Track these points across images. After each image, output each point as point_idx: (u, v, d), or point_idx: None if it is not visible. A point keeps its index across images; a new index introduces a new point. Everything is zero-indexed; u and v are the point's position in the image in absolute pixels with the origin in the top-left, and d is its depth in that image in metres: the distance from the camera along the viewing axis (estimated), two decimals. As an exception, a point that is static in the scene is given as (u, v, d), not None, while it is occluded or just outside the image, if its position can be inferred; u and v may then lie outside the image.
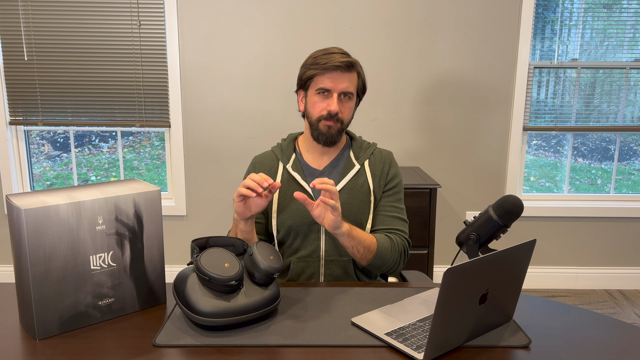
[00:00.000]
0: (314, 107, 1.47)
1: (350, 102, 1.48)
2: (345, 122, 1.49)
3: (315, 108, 1.46)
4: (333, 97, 1.44)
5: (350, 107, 1.49)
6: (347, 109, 1.47)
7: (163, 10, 2.78)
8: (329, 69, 1.42)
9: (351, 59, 1.44)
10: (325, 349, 1.04)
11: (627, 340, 1.10)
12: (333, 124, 1.45)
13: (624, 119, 2.98)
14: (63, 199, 1.07)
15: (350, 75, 1.45)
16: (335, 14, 2.82)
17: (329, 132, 1.46)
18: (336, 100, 1.43)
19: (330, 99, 1.44)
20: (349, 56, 1.46)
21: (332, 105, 1.43)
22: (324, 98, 1.45)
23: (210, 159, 2.96)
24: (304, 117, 1.54)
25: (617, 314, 2.80)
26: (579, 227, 3.06)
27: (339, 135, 1.49)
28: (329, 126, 1.45)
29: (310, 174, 1.53)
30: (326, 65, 1.42)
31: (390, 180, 1.54)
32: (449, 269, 0.91)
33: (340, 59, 1.42)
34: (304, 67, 1.49)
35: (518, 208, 1.16)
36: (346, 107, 1.47)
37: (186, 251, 3.06)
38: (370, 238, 1.42)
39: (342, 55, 1.45)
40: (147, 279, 1.21)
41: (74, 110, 2.89)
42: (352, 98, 1.48)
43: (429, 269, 2.53)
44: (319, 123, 1.46)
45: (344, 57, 1.44)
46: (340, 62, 1.41)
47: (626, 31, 2.89)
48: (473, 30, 2.84)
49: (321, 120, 1.45)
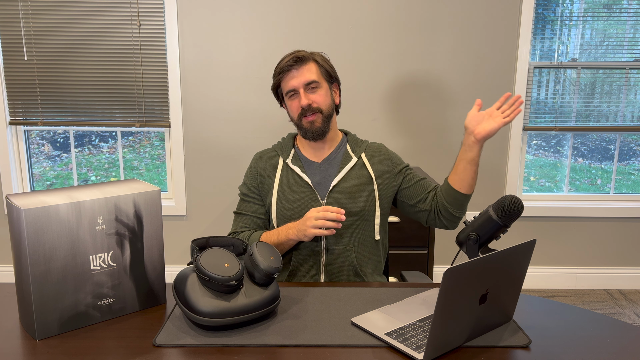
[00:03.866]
0: (291, 110, 1.56)
1: (320, 89, 1.53)
2: (325, 110, 1.53)
3: (293, 110, 1.55)
4: (300, 93, 1.51)
5: (323, 94, 1.54)
6: (320, 96, 1.53)
7: (163, 10, 2.78)
8: (285, 71, 1.51)
9: (299, 53, 1.52)
10: (325, 349, 1.04)
11: (627, 340, 1.10)
12: (313, 117, 1.51)
13: (624, 119, 2.98)
14: (63, 199, 1.07)
15: (306, 67, 1.52)
16: (335, 14, 2.82)
17: (313, 127, 1.52)
18: (303, 94, 1.51)
19: (298, 96, 1.52)
20: (299, 52, 1.53)
21: (301, 100, 1.51)
22: (295, 98, 1.53)
23: (210, 159, 2.96)
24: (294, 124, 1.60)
25: (617, 314, 2.80)
26: (579, 227, 3.06)
27: (325, 125, 1.53)
28: (310, 121, 1.52)
29: (309, 167, 1.57)
30: (282, 69, 1.52)
31: (397, 165, 1.60)
32: (449, 269, 0.91)
33: (289, 57, 1.52)
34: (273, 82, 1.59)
35: (518, 208, 1.16)
36: (318, 95, 1.53)
37: (186, 251, 3.06)
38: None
39: (292, 54, 1.53)
40: (147, 279, 1.21)
41: (74, 110, 2.89)
42: (320, 85, 1.53)
43: (429, 269, 2.53)
44: (301, 122, 1.53)
45: (293, 54, 1.52)
46: (289, 60, 1.50)
47: (626, 31, 2.89)
48: (473, 30, 2.84)
49: (302, 119, 1.52)
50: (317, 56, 1.55)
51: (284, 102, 1.60)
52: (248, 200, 1.60)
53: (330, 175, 1.55)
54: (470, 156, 1.42)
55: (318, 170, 1.57)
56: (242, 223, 1.59)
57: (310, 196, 1.53)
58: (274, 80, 1.57)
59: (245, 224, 1.59)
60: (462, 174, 1.44)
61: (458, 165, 1.45)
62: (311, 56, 1.53)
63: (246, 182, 1.62)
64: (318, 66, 1.53)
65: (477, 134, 1.38)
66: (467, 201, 1.49)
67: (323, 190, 1.54)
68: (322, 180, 1.55)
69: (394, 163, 1.60)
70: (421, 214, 1.57)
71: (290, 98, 1.54)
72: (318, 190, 1.54)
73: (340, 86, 1.62)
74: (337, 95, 1.61)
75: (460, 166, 1.44)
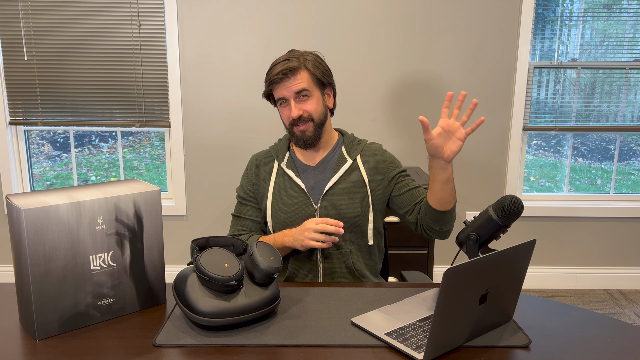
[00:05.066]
0: (283, 117, 1.53)
1: (311, 98, 1.49)
2: (317, 118, 1.50)
3: (284, 117, 1.53)
4: (290, 104, 1.48)
5: (314, 102, 1.49)
6: (310, 105, 1.49)
7: (163, 10, 2.78)
8: (275, 82, 1.47)
9: (289, 65, 1.45)
10: (325, 349, 1.04)
11: (627, 340, 1.10)
12: (304, 127, 1.49)
13: (624, 119, 2.98)
14: (63, 199, 1.07)
15: (297, 77, 1.46)
16: (335, 14, 2.82)
17: (304, 135, 1.49)
18: (293, 105, 1.47)
19: (288, 106, 1.49)
20: (290, 61, 1.47)
21: (291, 111, 1.48)
22: (286, 106, 1.50)
23: (210, 159, 2.96)
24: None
25: (617, 314, 2.80)
26: (578, 227, 3.06)
27: (317, 133, 1.51)
28: (301, 130, 1.49)
29: (303, 171, 1.56)
30: (273, 78, 1.47)
31: (392, 170, 1.56)
32: (449, 269, 0.91)
33: (279, 68, 1.46)
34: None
35: (518, 208, 1.16)
36: (308, 104, 1.49)
37: (186, 251, 3.06)
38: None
39: (283, 64, 1.47)
40: (147, 279, 1.21)
41: (74, 110, 2.89)
42: (312, 93, 1.49)
43: (429, 269, 2.53)
44: (293, 130, 1.51)
45: (283, 65, 1.46)
46: (279, 72, 1.45)
47: (626, 31, 2.89)
48: (473, 30, 2.84)
49: (293, 127, 1.50)
50: (310, 62, 1.48)
51: (276, 105, 1.57)
52: (245, 204, 1.60)
53: (325, 179, 1.53)
54: (444, 177, 1.35)
55: (312, 174, 1.54)
56: (239, 226, 1.59)
57: (303, 201, 1.51)
58: (265, 87, 1.53)
59: (242, 227, 1.59)
60: (439, 193, 1.38)
61: (433, 186, 1.38)
62: (303, 63, 1.47)
63: (242, 185, 1.61)
64: (309, 74, 1.47)
65: (446, 157, 1.31)
66: (449, 216, 1.43)
67: (317, 195, 1.52)
68: (316, 184, 1.53)
69: (389, 167, 1.56)
70: (410, 224, 1.54)
71: (282, 105, 1.51)
72: (312, 195, 1.52)
73: (334, 88, 1.57)
74: (331, 98, 1.56)
75: (435, 187, 1.38)
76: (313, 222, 1.38)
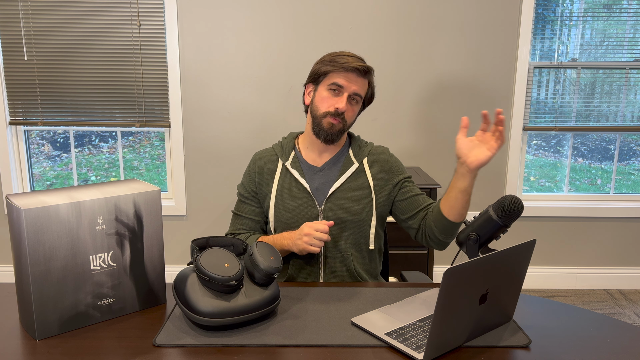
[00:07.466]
0: (322, 102, 1.48)
1: (357, 106, 1.51)
2: (348, 124, 1.51)
3: (324, 103, 1.48)
4: (343, 96, 1.46)
5: (355, 111, 1.52)
6: (352, 112, 1.50)
7: (163, 10, 2.78)
8: (347, 69, 1.45)
9: (365, 66, 1.47)
10: (325, 349, 1.04)
11: (627, 340, 1.10)
12: (337, 122, 1.47)
13: (624, 119, 2.98)
14: (63, 199, 1.07)
15: (364, 81, 1.49)
16: (335, 14, 2.82)
17: (331, 130, 1.47)
18: (346, 99, 1.46)
19: (341, 97, 1.46)
20: (364, 63, 1.49)
21: (341, 102, 1.45)
22: (334, 95, 1.47)
23: (210, 159, 2.96)
24: (307, 112, 1.55)
25: (617, 314, 2.80)
26: (579, 227, 3.06)
27: (339, 135, 1.50)
28: (332, 124, 1.47)
29: (308, 171, 1.54)
30: (345, 65, 1.44)
31: (398, 175, 1.56)
32: (449, 269, 0.91)
33: (359, 62, 1.47)
34: (320, 63, 1.50)
35: (518, 208, 1.16)
36: (353, 109, 1.50)
37: (186, 251, 3.06)
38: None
39: (358, 60, 1.48)
40: (147, 279, 1.21)
41: (74, 110, 2.89)
42: (359, 102, 1.51)
43: (429, 269, 2.53)
44: (323, 119, 1.47)
45: (360, 62, 1.47)
46: (359, 66, 1.45)
47: (626, 31, 2.89)
48: (473, 30, 2.84)
49: (326, 117, 1.47)
50: (373, 76, 1.52)
51: (317, 85, 1.50)
52: (245, 202, 1.58)
53: (330, 181, 1.52)
54: (462, 185, 1.34)
55: (317, 175, 1.53)
56: (239, 224, 1.58)
57: (307, 202, 1.50)
58: (325, 63, 1.47)
59: (242, 226, 1.58)
60: (452, 201, 1.38)
61: (450, 193, 1.38)
62: (372, 74, 1.50)
63: (244, 183, 1.59)
64: (368, 87, 1.51)
65: (470, 163, 1.30)
66: (456, 229, 1.43)
67: (321, 197, 1.50)
68: (321, 186, 1.52)
69: (394, 172, 1.56)
70: (410, 230, 1.55)
71: (330, 91, 1.47)
72: (316, 196, 1.50)
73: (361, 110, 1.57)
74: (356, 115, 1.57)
75: (452, 194, 1.38)
76: (312, 228, 1.37)
